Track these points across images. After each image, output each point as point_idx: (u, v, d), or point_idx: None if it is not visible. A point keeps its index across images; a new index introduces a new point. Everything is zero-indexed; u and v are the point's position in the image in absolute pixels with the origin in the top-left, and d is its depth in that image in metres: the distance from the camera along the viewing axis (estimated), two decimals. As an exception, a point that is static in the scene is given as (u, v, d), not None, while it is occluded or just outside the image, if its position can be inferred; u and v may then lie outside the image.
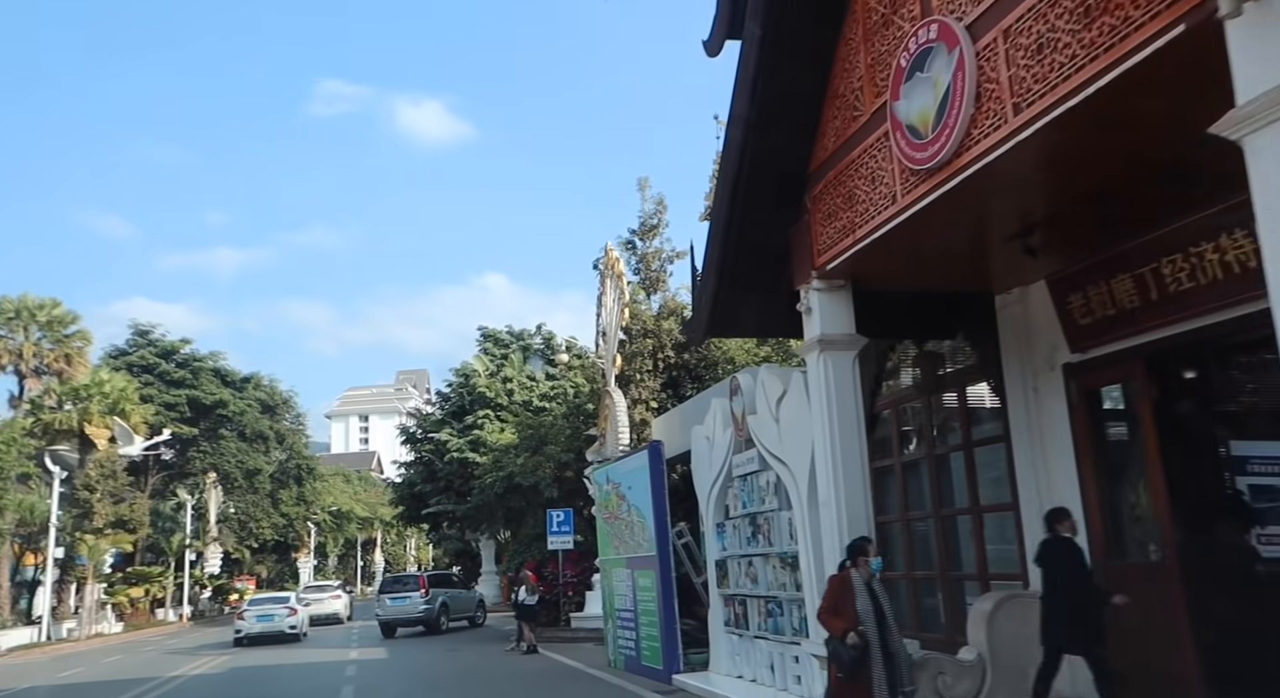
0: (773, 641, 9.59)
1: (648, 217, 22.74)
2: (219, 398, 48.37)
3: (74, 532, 35.78)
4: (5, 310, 35.66)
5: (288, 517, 62.54)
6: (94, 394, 39.31)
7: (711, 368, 21.92)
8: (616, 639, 13.85)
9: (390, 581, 27.72)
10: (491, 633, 24.11)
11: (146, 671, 19.30)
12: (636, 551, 12.83)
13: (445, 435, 36.40)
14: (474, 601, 27.55)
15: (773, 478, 9.59)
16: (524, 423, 23.04)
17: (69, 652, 30.55)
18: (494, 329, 43.19)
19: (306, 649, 22.63)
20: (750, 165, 8.27)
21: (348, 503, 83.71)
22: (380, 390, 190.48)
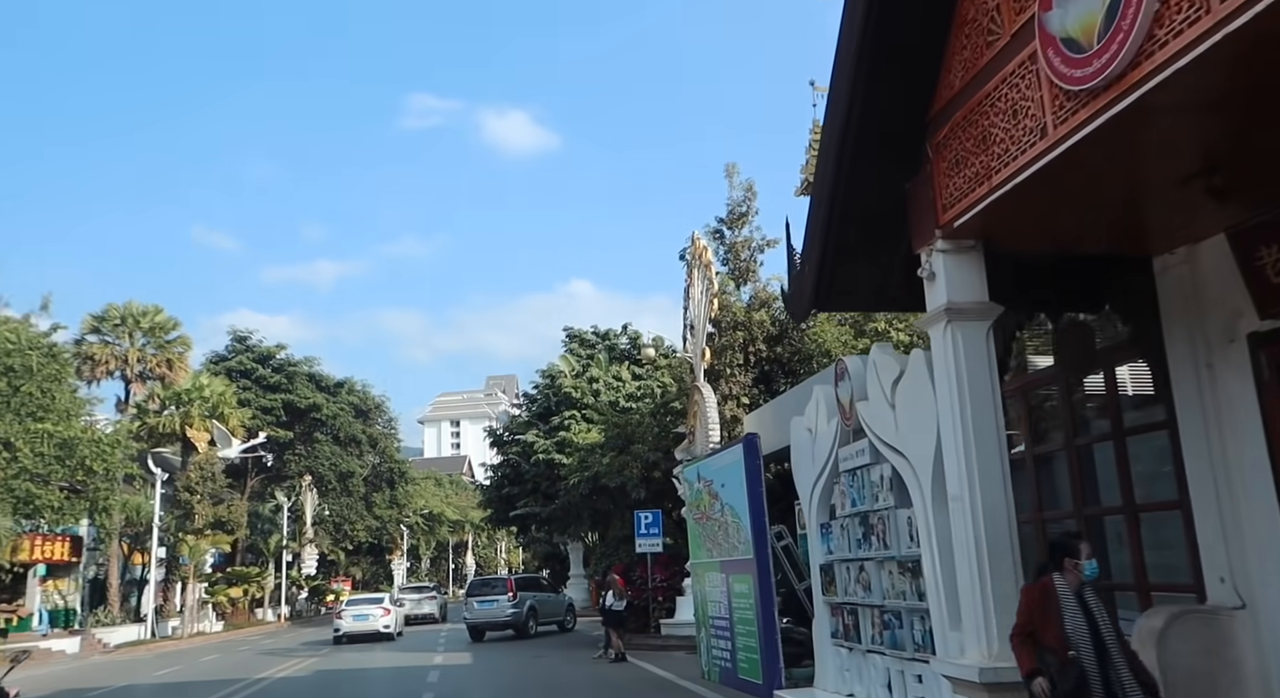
0: (890, 657, 8.48)
1: (736, 204, 21.72)
2: (313, 402, 49.25)
3: (177, 532, 36.74)
4: (111, 318, 36.86)
5: (381, 519, 63.52)
6: (194, 398, 40.39)
7: (805, 361, 20.76)
8: (711, 649, 12.87)
9: (478, 583, 27.38)
10: (580, 639, 23.38)
11: (237, 672, 19.20)
12: (731, 553, 11.84)
13: (531, 437, 35.98)
14: (563, 605, 26.96)
15: (887, 472, 8.49)
16: (610, 422, 22.29)
17: (171, 649, 31.20)
18: (579, 330, 42.70)
19: (394, 652, 22.33)
20: (860, 114, 7.21)
21: (439, 506, 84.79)
22: (470, 396, 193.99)
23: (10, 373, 28.86)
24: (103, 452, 29.15)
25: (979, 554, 6.56)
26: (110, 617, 34.40)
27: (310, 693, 14.79)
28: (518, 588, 24.91)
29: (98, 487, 29.74)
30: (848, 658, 9.49)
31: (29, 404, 28.86)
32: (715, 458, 12.84)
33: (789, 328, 21.37)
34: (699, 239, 19.90)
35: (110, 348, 36.15)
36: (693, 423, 19.65)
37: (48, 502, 27.66)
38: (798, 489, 10.95)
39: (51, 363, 29.99)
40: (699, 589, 13.48)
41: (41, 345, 30.07)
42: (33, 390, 28.86)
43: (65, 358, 30.95)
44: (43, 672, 24.07)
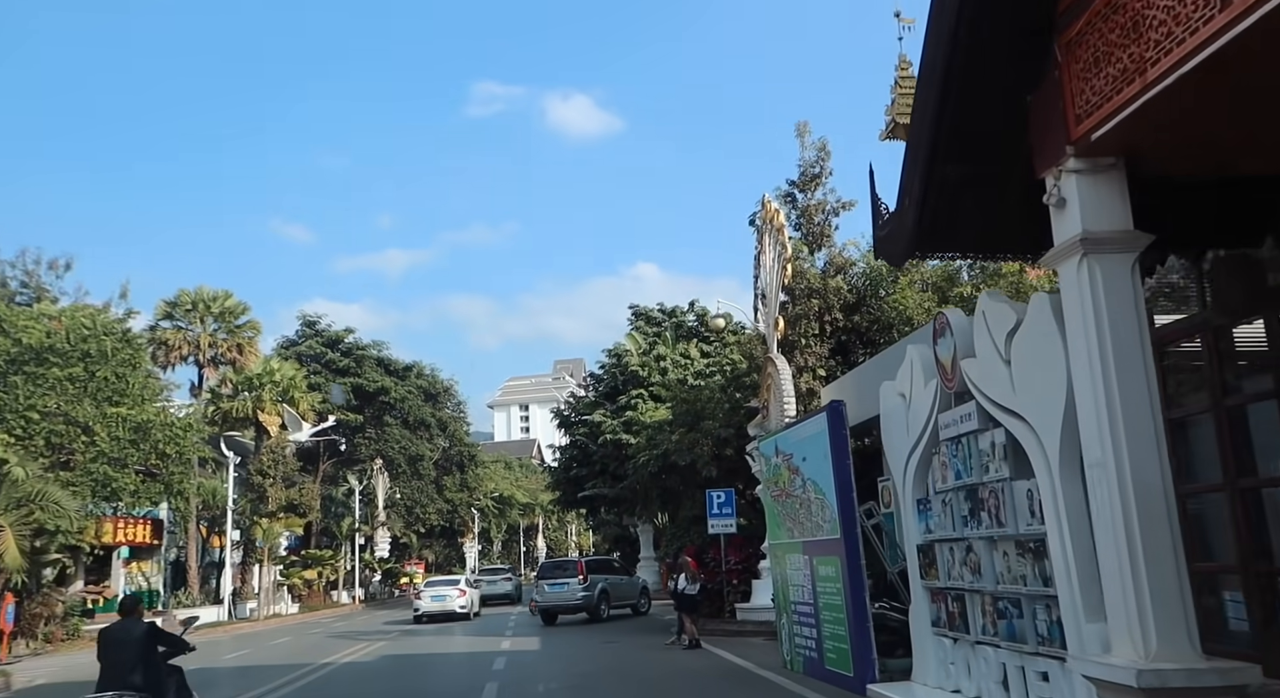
0: (1007, 649, 7.40)
1: (808, 166, 20.48)
2: (381, 385, 49.48)
3: (251, 515, 37.18)
4: (183, 303, 37.31)
5: (452, 503, 63.91)
6: (265, 383, 40.78)
7: (885, 330, 19.51)
8: (793, 637, 11.89)
9: (548, 566, 26.85)
10: (652, 623, 22.62)
11: (305, 656, 18.94)
12: (815, 533, 10.82)
13: (598, 417, 35.33)
14: (637, 587, 26.27)
15: (1000, 438, 7.38)
16: (678, 397, 21.34)
17: (246, 631, 31.53)
18: (646, 308, 41.84)
19: (462, 636, 21.90)
20: (972, 16, 6.09)
21: (509, 489, 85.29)
22: (539, 380, 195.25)
23: (87, 358, 29.30)
24: (175, 435, 29.44)
25: (1128, 532, 5.46)
26: (190, 599, 34.96)
27: (373, 680, 14.27)
28: (589, 571, 24.28)
29: (171, 470, 30.08)
30: (952, 650, 8.42)
31: (105, 389, 29.27)
32: (795, 430, 11.80)
33: (867, 295, 20.13)
34: (769, 202, 18.77)
35: (183, 333, 36.62)
36: (766, 397, 18.61)
37: (124, 484, 28.02)
38: (888, 462, 9.89)
39: (126, 348, 30.39)
40: (779, 572, 12.50)
41: (116, 331, 30.49)
42: (108, 375, 29.25)
43: (139, 343, 31.30)
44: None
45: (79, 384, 28.72)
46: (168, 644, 7.94)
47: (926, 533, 8.92)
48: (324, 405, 44.71)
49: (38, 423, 27.57)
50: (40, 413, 27.70)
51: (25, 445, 27.09)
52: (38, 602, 27.82)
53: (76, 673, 18.35)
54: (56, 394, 28.28)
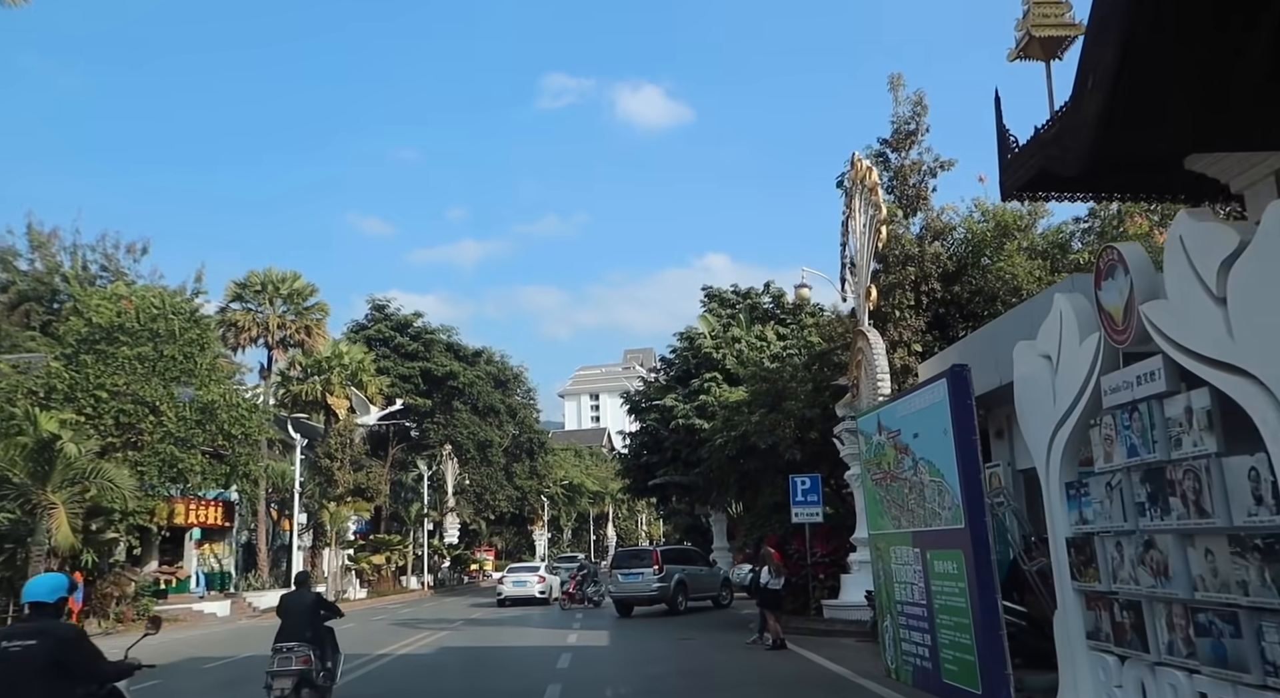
0: (1210, 676, 5.70)
1: (902, 122, 18.62)
2: (450, 370, 48.92)
3: (320, 499, 36.86)
4: (253, 284, 37.10)
5: (521, 490, 63.36)
6: (334, 366, 40.48)
7: (989, 302, 17.59)
8: (899, 643, 10.26)
9: (623, 555, 25.70)
10: (732, 618, 21.13)
11: (362, 645, 18.00)
12: (930, 522, 9.18)
13: (670, 402, 33.93)
14: (717, 579, 24.82)
15: (1200, 402, 5.68)
16: (758, 376, 19.71)
17: (313, 615, 31.09)
18: (719, 289, 40.21)
19: (528, 629, 20.76)
20: None
21: (579, 477, 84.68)
22: (609, 369, 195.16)
23: (155, 338, 29.09)
24: (241, 416, 29.04)
25: None
26: (260, 581, 34.78)
27: (427, 677, 13.12)
28: (664, 561, 22.89)
29: (237, 451, 29.72)
30: (1119, 671, 6.73)
31: (172, 368, 29.01)
32: (904, 401, 10.13)
33: (967, 264, 18.21)
34: (860, 160, 17.00)
35: (252, 314, 36.42)
36: (856, 374, 16.92)
37: (191, 465, 27.70)
38: (1026, 439, 8.21)
39: (194, 328, 30.13)
40: (881, 567, 10.85)
41: (184, 311, 30.25)
42: (175, 354, 28.98)
43: (207, 323, 31.01)
44: (186, 635, 23.95)
45: (147, 363, 28.51)
46: (329, 611, 9.87)
47: (1080, 524, 7.23)
48: (392, 389, 44.30)
49: (107, 402, 27.40)
50: (109, 392, 27.53)
51: (95, 425, 26.97)
52: (109, 582, 27.75)
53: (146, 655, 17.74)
54: (125, 373, 28.09)
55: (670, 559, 23.26)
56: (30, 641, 4.95)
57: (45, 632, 5.04)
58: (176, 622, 28.93)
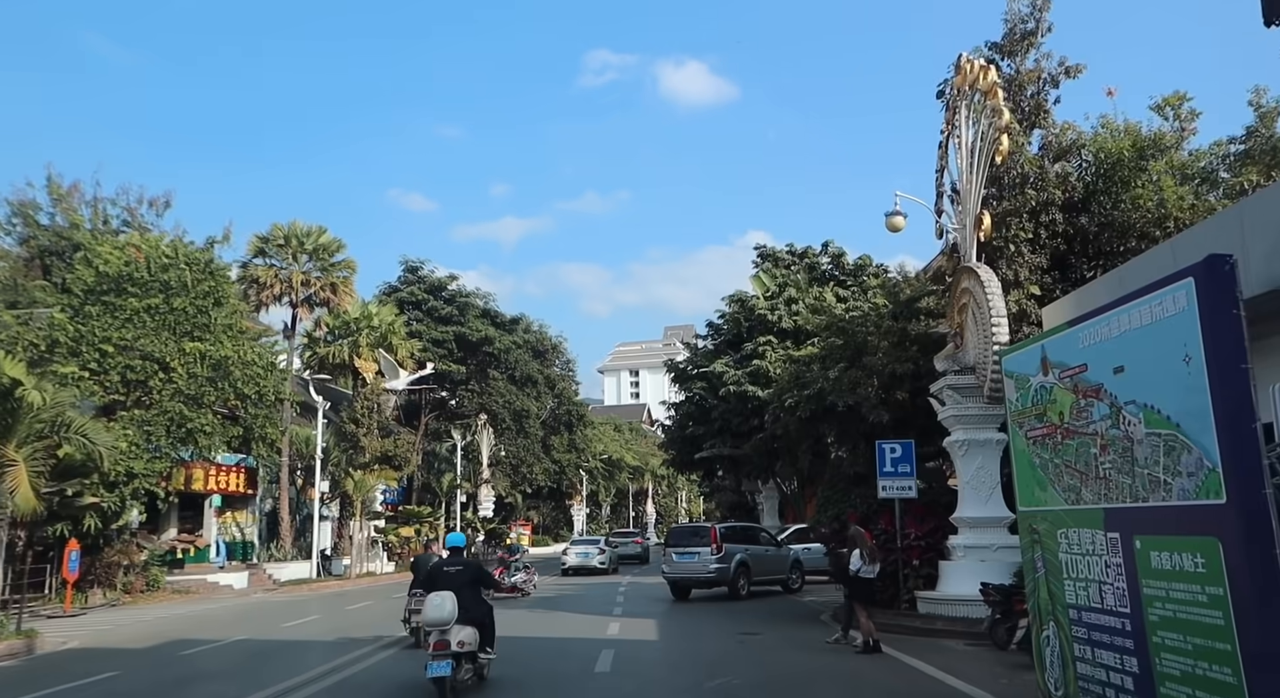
0: None
1: (1018, 20, 15.47)
2: (485, 335, 46.52)
3: (347, 467, 34.73)
4: (276, 238, 34.88)
5: (559, 463, 61.14)
6: (363, 327, 38.28)
7: (1122, 235, 14.48)
8: (1072, 663, 7.42)
9: (678, 533, 22.97)
10: (801, 607, 18.38)
11: (371, 628, 15.62)
12: (1143, 495, 6.30)
13: (720, 367, 31.18)
14: (786, 561, 22.09)
15: None
16: (834, 326, 16.73)
17: (334, 590, 29.00)
18: (773, 248, 37.26)
19: (560, 614, 18.19)
20: None
21: (618, 451, 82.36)
22: (649, 346, 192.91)
23: (166, 289, 26.95)
24: (256, 374, 26.83)
25: None
26: (282, 552, 32.81)
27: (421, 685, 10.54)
28: (724, 539, 20.19)
29: (252, 412, 27.56)
30: None
31: (184, 322, 26.87)
32: (1094, 324, 7.19)
33: (1096, 191, 15.07)
34: (971, 61, 13.92)
35: (274, 271, 34.17)
36: (959, 320, 13.97)
37: (200, 425, 25.56)
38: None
39: (209, 279, 27.94)
40: (1040, 556, 8.00)
41: (198, 261, 28.05)
42: (187, 307, 26.83)
43: (224, 274, 28.77)
44: (188, 610, 21.85)
45: (157, 316, 26.39)
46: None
47: None
48: (424, 354, 42.03)
49: (113, 357, 25.34)
50: (116, 346, 25.47)
51: (100, 381, 24.93)
52: (116, 550, 25.83)
53: (132, 634, 15.55)
54: (134, 326, 26.01)
55: (731, 538, 20.51)
56: (459, 566, 9.58)
57: (465, 562, 9.83)
58: (187, 594, 26.98)
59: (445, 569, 9.49)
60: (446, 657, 8.63)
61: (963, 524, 13.44)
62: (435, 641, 8.74)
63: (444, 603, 8.89)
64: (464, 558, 9.98)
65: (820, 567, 21.08)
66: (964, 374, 13.41)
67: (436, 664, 8.57)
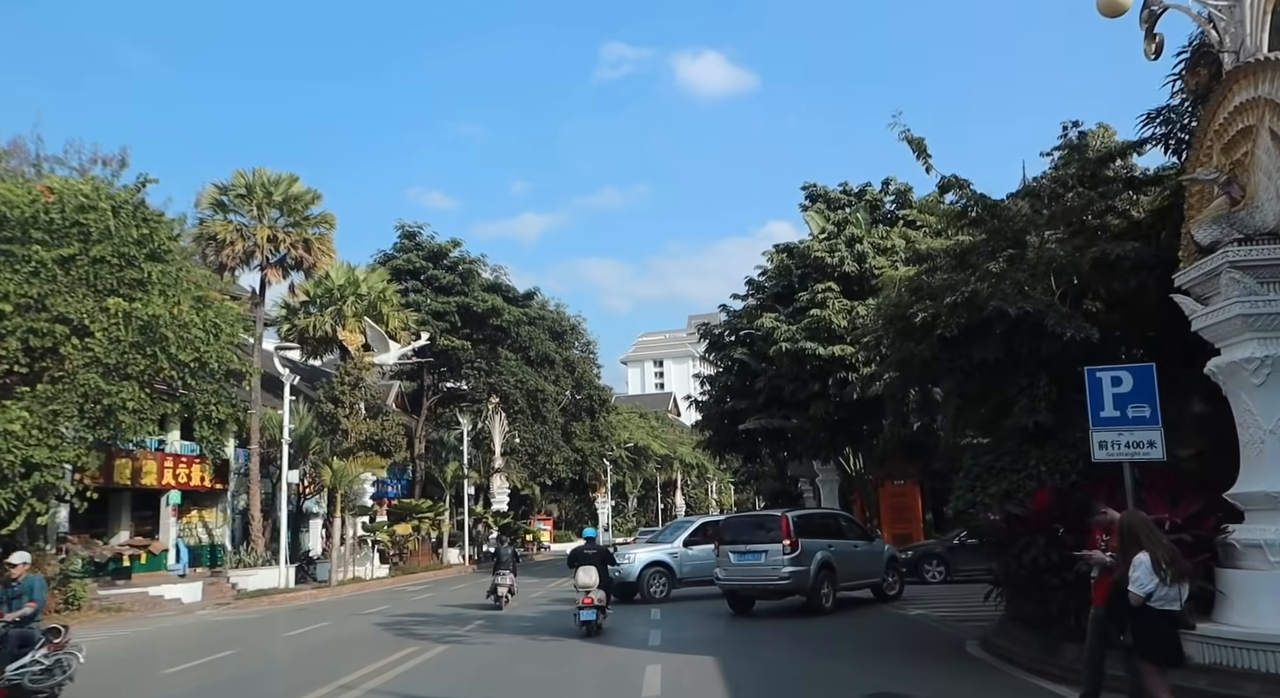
0: None
1: None
2: (492, 306, 41.12)
3: (331, 454, 29.45)
4: (237, 188, 29.55)
5: (581, 452, 55.73)
6: (348, 295, 32.97)
7: None
8: None
9: (736, 525, 16.95)
10: (924, 629, 12.90)
11: (307, 668, 10.22)
12: None
13: (770, 322, 25.54)
14: (880, 559, 16.58)
15: None
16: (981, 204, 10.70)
17: (301, 602, 23.71)
18: (824, 187, 31.48)
19: (565, 645, 12.72)
20: None
21: (645, 439, 76.80)
22: (673, 335, 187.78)
23: (86, 237, 21.73)
24: (192, 340, 21.49)
25: None
26: (254, 557, 27.60)
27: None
28: (798, 532, 14.62)
29: (193, 385, 22.29)
30: None
31: (108, 276, 21.64)
32: None
33: None
34: None
35: (235, 226, 28.85)
36: (1231, 161, 8.33)
37: (120, 401, 20.29)
38: None
39: (141, 226, 22.65)
40: None
41: (125, 203, 22.79)
42: (110, 257, 21.59)
43: (164, 221, 23.46)
44: (105, 635, 16.62)
45: (73, 270, 21.18)
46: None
47: None
48: (423, 327, 36.70)
49: (11, 318, 20.13)
50: (16, 305, 20.27)
51: (-8, 348, 19.79)
52: (22, 560, 20.61)
53: None
54: (42, 281, 20.79)
55: (808, 530, 14.82)
56: (594, 551, 14.07)
57: (596, 545, 14.50)
58: (118, 613, 21.74)
59: (585, 552, 13.91)
60: (593, 608, 13.05)
61: (1255, 506, 7.77)
62: (584, 597, 13.13)
63: (591, 573, 13.34)
64: (596, 545, 14.51)
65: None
66: (1259, 244, 7.75)
67: (585, 612, 13.04)
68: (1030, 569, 8.58)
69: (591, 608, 12.95)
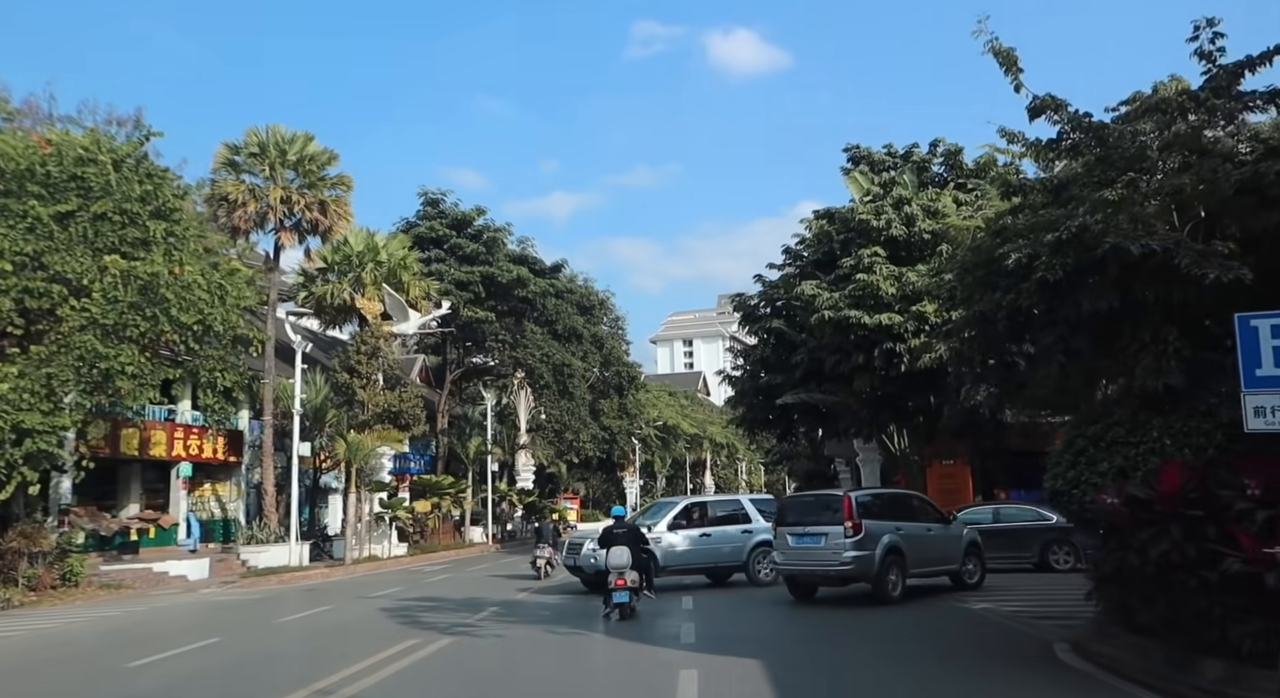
0: None
1: None
2: (517, 276, 39.62)
3: (348, 427, 28.23)
4: (249, 146, 28.21)
5: (609, 430, 54.27)
6: (367, 261, 31.63)
7: None
8: None
9: (796, 505, 15.61)
10: (989, 624, 11.31)
11: (292, 665, 8.82)
12: None
13: (811, 289, 23.76)
14: (957, 543, 14.87)
15: None
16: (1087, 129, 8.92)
17: (312, 581, 22.51)
18: (867, 149, 29.53)
19: (586, 638, 11.25)
20: None
21: (674, 417, 75.25)
22: (703, 314, 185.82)
23: (86, 192, 20.52)
24: (195, 300, 20.20)
25: None
26: (266, 533, 26.47)
27: None
28: (862, 514, 13.07)
29: (196, 350, 21.05)
30: None
31: (109, 234, 20.42)
32: None
33: None
34: None
35: (246, 186, 27.53)
36: None
37: (119, 365, 19.06)
38: None
39: (145, 182, 21.39)
40: None
41: (127, 157, 21.52)
42: (111, 214, 20.35)
43: (169, 176, 22.19)
44: (92, 615, 15.45)
45: (71, 226, 19.97)
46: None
47: None
48: (446, 297, 35.33)
49: (6, 277, 18.98)
50: (12, 263, 19.11)
51: (-15, 309, 18.64)
52: (16, 533, 19.57)
53: None
54: (38, 238, 19.60)
55: (875, 511, 13.23)
56: (624, 530, 13.15)
57: (627, 526, 13.47)
58: (118, 590, 20.63)
59: (615, 532, 13.21)
60: (626, 590, 12.34)
61: None
62: (616, 578, 12.37)
63: (623, 553, 12.60)
64: (625, 524, 13.73)
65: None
66: None
67: (619, 594, 12.31)
68: (1157, 566, 6.89)
69: (624, 590, 12.28)
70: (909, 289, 21.89)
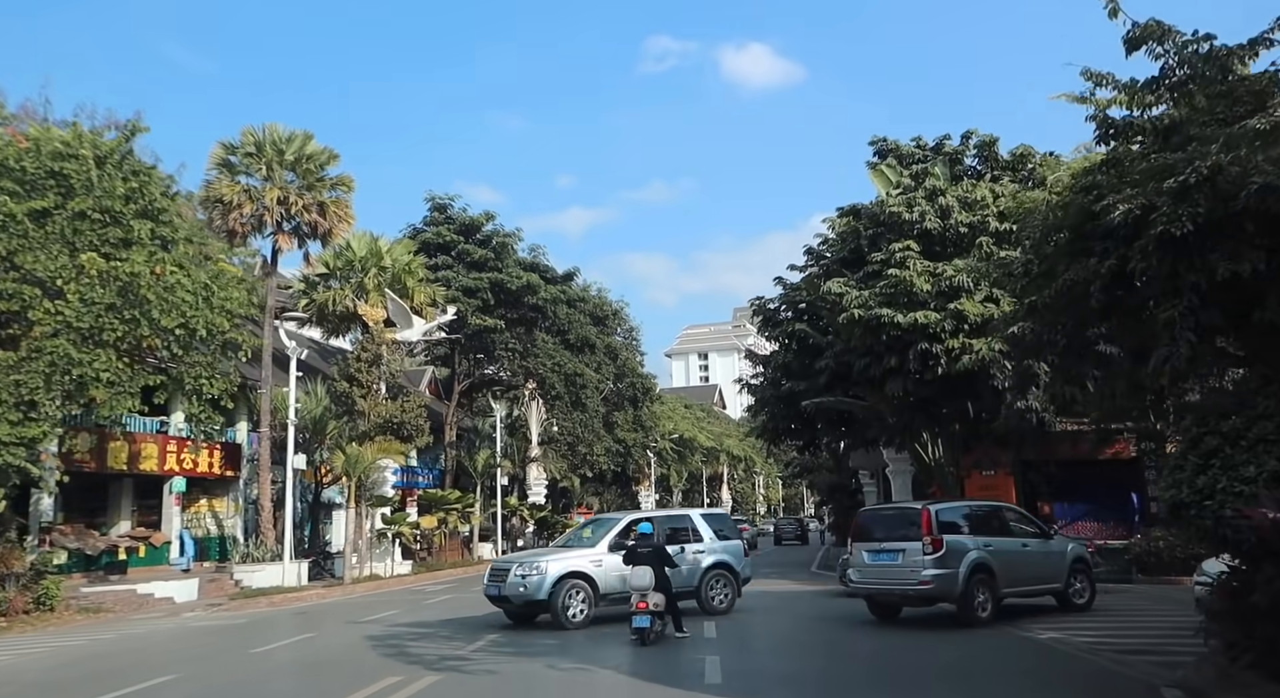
0: None
1: None
2: (526, 282, 38.17)
3: (348, 439, 26.79)
4: (245, 146, 26.94)
5: (624, 443, 52.71)
6: (370, 266, 30.25)
7: None
8: None
9: (873, 519, 13.97)
10: (1069, 659, 9.70)
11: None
12: None
13: (838, 287, 22.15)
14: (1061, 559, 13.26)
15: None
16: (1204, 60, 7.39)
17: (311, 602, 21.02)
18: (894, 141, 27.94)
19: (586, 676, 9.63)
20: None
21: (690, 430, 73.55)
22: (718, 328, 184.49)
23: (67, 190, 19.24)
24: (178, 302, 18.81)
25: None
26: (262, 550, 24.99)
27: None
28: (942, 529, 11.68)
29: (180, 356, 19.65)
30: None
31: (89, 233, 19.11)
32: None
33: None
34: None
35: (241, 187, 26.22)
36: None
37: (94, 372, 17.66)
38: None
39: (130, 179, 20.11)
40: None
41: (111, 153, 20.24)
42: (92, 212, 19.05)
43: (156, 174, 20.89)
44: (48, 645, 13.96)
45: (48, 226, 18.68)
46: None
47: None
48: (451, 301, 33.93)
49: (-26, 278, 17.70)
50: (-18, 263, 17.83)
51: (-48, 311, 17.33)
52: (-13, 553, 18.18)
53: None
54: (11, 236, 18.30)
55: (960, 526, 12.00)
56: (649, 548, 12.06)
57: (653, 545, 12.27)
58: (98, 614, 19.15)
59: (639, 550, 12.17)
60: (648, 614, 11.41)
61: None
62: (638, 601, 11.45)
63: (645, 574, 11.61)
64: (651, 542, 12.47)
65: None
66: None
67: (640, 618, 11.40)
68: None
69: (646, 614, 11.39)
70: (946, 284, 20.29)
